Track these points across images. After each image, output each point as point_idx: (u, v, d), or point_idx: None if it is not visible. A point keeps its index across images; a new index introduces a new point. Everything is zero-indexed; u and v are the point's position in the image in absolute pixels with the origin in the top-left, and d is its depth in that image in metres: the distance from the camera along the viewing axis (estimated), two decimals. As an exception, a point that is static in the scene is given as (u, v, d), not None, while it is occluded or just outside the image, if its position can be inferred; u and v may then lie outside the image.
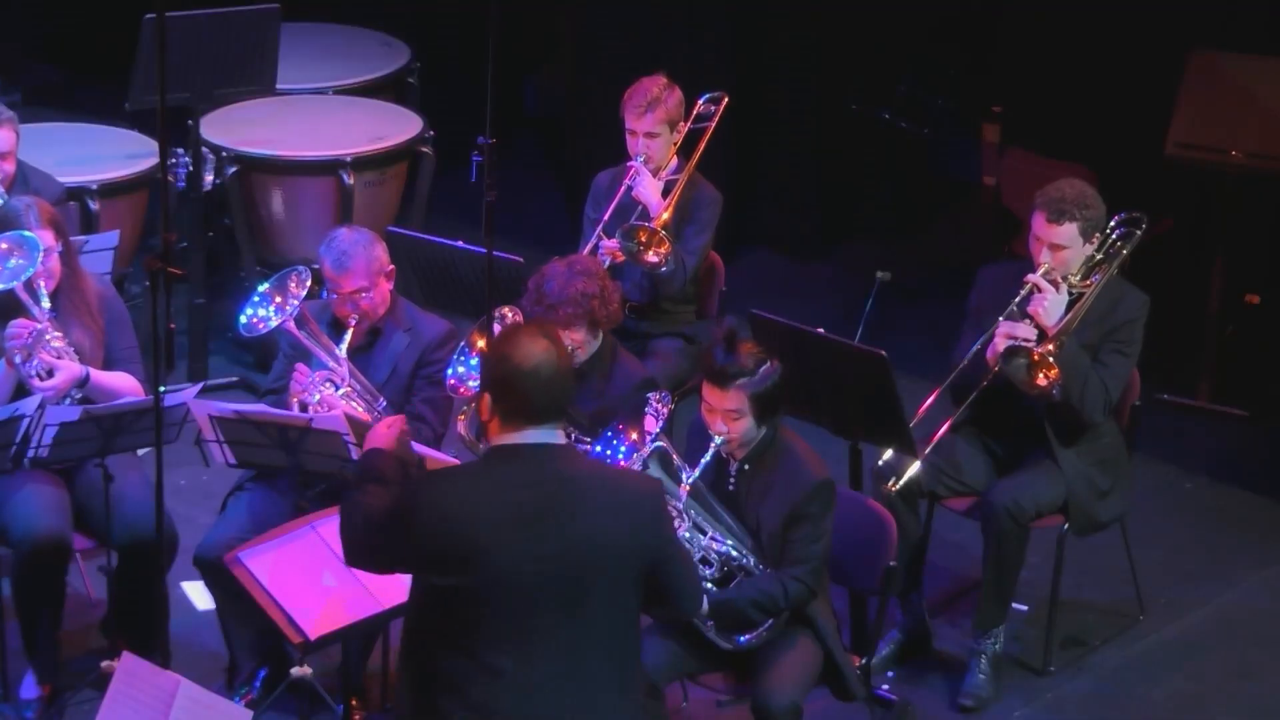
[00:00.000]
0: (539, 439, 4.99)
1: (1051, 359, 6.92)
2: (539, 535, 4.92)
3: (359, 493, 5.22)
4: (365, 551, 5.16)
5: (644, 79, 7.97)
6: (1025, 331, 7.04)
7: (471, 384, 6.74)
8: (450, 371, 6.80)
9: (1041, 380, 6.95)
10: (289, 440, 6.56)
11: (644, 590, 5.06)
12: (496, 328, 6.86)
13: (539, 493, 4.94)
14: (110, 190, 8.72)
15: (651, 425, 6.27)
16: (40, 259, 6.68)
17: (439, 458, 6.32)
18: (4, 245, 6.71)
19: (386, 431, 5.46)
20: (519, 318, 6.88)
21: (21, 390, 6.79)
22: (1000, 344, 7.05)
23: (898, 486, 7.03)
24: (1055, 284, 7.08)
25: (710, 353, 6.36)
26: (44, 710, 6.92)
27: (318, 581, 6.25)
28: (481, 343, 6.74)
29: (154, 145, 8.77)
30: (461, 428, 6.87)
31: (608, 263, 7.69)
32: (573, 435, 6.86)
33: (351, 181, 8.95)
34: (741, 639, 6.38)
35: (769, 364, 6.32)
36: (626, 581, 5.02)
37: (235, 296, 8.76)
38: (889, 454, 7.19)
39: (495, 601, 4.92)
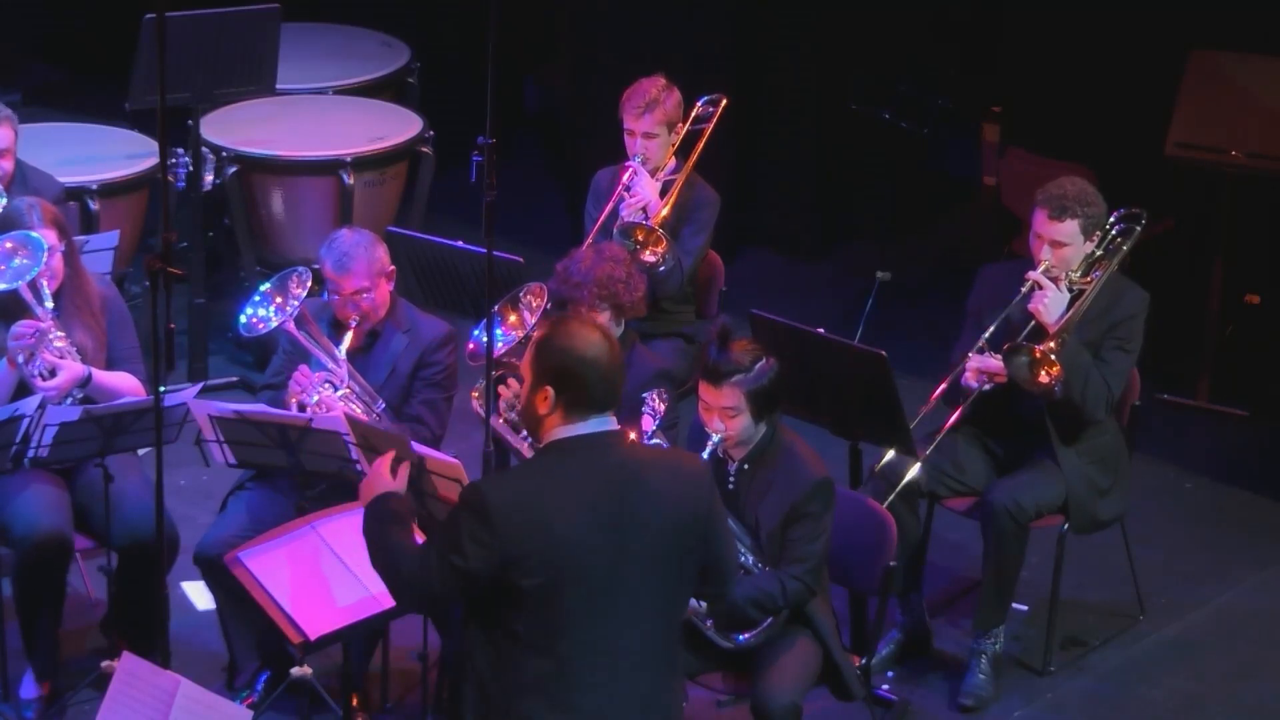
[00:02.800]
0: (598, 427, 5.01)
1: (1053, 356, 6.93)
2: (613, 523, 4.95)
3: (387, 542, 5.11)
4: (434, 583, 4.98)
5: (643, 80, 7.97)
6: (995, 365, 7.06)
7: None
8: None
9: (1044, 378, 6.95)
10: (289, 440, 6.56)
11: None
12: (525, 312, 6.89)
13: (606, 481, 4.97)
14: (110, 190, 8.72)
15: (648, 424, 6.27)
16: (45, 259, 6.69)
17: (439, 458, 6.31)
18: (9, 244, 6.71)
19: (387, 476, 5.34)
20: (542, 300, 6.89)
21: (22, 389, 6.79)
22: (971, 378, 7.10)
23: (889, 500, 7.02)
24: (1056, 281, 7.09)
25: (705, 350, 6.37)
26: (44, 710, 6.92)
27: (318, 581, 6.25)
28: (514, 317, 6.78)
29: (154, 145, 8.77)
30: (475, 404, 6.81)
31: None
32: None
33: (351, 181, 8.95)
34: (741, 638, 6.38)
35: (764, 361, 6.31)
36: (688, 558, 5.07)
37: (235, 296, 8.76)
38: (890, 456, 7.19)
39: (578, 595, 4.93)
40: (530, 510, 4.92)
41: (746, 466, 6.42)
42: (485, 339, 6.63)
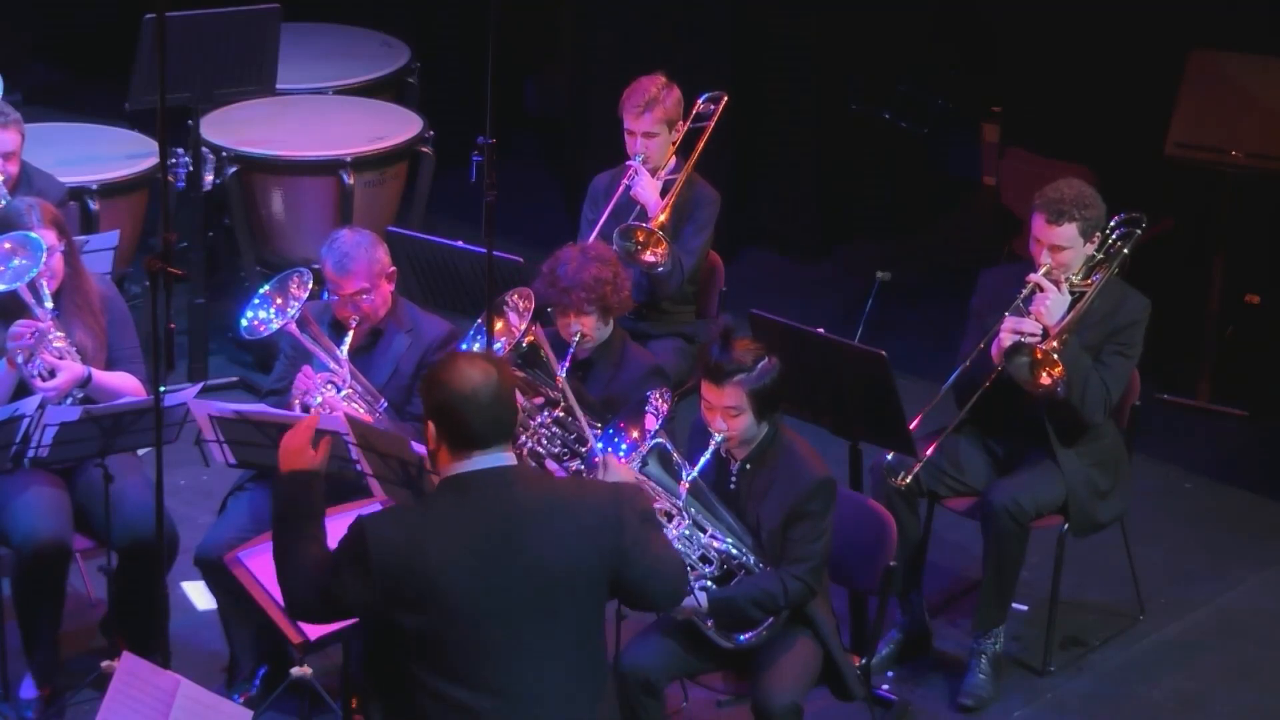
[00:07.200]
0: (489, 464, 4.93)
1: (1055, 356, 6.93)
2: (497, 565, 4.87)
3: (289, 537, 5.07)
4: (315, 602, 5.00)
5: (642, 78, 7.97)
6: (1031, 326, 7.04)
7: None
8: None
9: (1045, 379, 6.95)
10: (289, 440, 6.55)
11: (615, 591, 5.03)
12: (511, 315, 6.86)
13: (493, 522, 4.89)
14: (110, 190, 8.72)
15: (651, 423, 6.27)
16: (44, 259, 6.69)
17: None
18: (7, 245, 6.71)
19: (302, 446, 5.20)
20: (530, 303, 6.88)
21: (22, 389, 6.79)
22: (1006, 339, 7.03)
23: (906, 481, 7.02)
24: (1057, 283, 7.09)
25: (707, 350, 6.37)
26: (44, 710, 6.92)
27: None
28: (500, 324, 6.75)
29: (154, 145, 8.77)
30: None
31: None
32: (584, 420, 6.87)
33: (351, 181, 8.95)
34: (741, 638, 6.38)
35: (766, 360, 6.32)
36: (592, 595, 4.99)
37: (235, 296, 8.77)
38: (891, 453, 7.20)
39: (457, 638, 4.86)
40: (408, 550, 4.85)
41: (748, 466, 6.43)
42: (477, 343, 6.63)
